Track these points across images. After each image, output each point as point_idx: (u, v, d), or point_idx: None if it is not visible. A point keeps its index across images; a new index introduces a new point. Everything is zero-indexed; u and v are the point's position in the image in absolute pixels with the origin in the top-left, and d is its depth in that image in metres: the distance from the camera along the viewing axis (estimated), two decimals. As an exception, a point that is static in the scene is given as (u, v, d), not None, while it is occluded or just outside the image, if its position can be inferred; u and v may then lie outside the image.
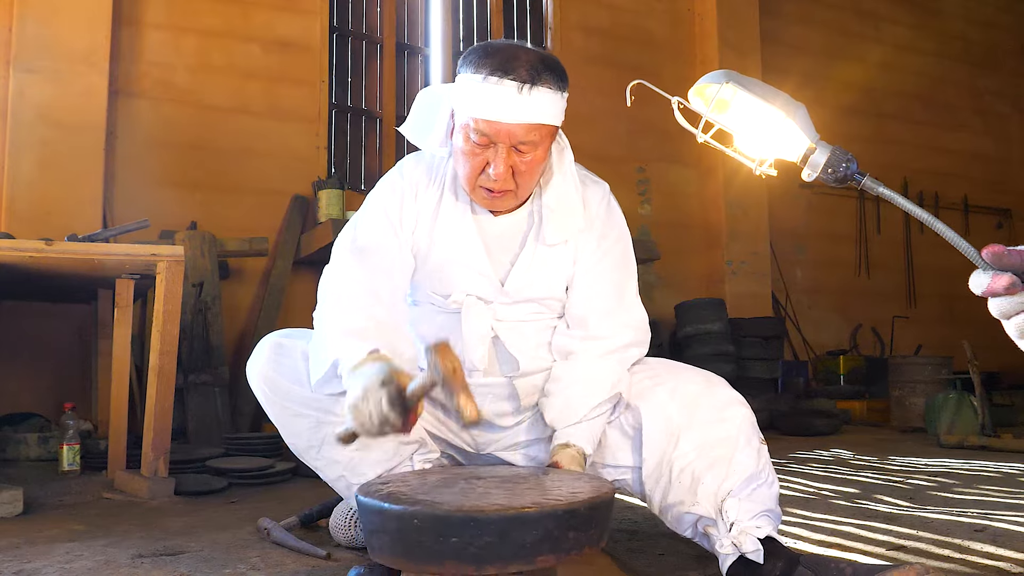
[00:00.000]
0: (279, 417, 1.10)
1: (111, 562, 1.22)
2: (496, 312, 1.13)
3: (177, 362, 1.97)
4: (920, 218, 0.69)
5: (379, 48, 3.70)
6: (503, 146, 1.01)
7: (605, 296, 1.13)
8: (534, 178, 1.07)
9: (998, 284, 0.58)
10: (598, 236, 1.15)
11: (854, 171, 0.71)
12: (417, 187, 1.13)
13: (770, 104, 0.73)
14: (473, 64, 1.02)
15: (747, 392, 1.27)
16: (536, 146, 1.03)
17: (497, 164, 1.02)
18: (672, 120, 0.80)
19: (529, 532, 0.77)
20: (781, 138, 0.74)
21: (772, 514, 1.05)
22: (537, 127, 1.02)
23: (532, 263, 1.12)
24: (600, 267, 1.14)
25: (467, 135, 1.03)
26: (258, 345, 1.13)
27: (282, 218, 3.24)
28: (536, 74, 1.00)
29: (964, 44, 5.40)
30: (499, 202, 1.08)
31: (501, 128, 1.00)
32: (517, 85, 0.99)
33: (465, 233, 1.12)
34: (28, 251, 1.79)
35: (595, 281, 1.14)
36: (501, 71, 0.99)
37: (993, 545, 1.31)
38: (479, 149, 1.03)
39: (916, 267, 5.03)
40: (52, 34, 2.81)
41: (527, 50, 1.03)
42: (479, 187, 1.06)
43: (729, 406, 1.08)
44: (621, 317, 1.14)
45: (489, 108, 1.00)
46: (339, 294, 1.05)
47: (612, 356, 1.12)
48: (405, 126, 1.14)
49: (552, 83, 1.02)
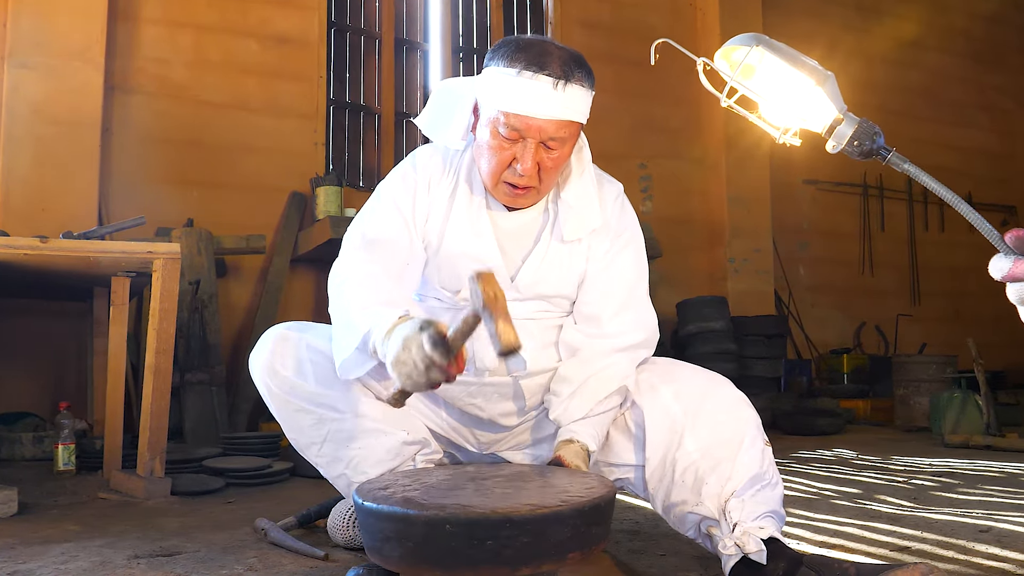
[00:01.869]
0: (281, 412, 1.09)
1: (107, 563, 1.21)
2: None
3: (173, 361, 1.99)
4: (945, 198, 0.68)
5: (378, 43, 3.67)
6: (532, 142, 1.01)
7: (617, 295, 1.13)
8: (557, 176, 1.07)
9: (1019, 269, 0.57)
10: (612, 235, 1.14)
11: (880, 145, 0.69)
12: (430, 179, 1.12)
13: (799, 70, 0.71)
14: (506, 58, 1.01)
15: (749, 391, 1.25)
16: (564, 143, 1.03)
17: (525, 160, 1.01)
18: (674, 116, 0.77)
19: (562, 530, 0.78)
20: (807, 107, 0.72)
21: (776, 515, 1.04)
22: (567, 124, 1.02)
23: (545, 259, 1.11)
24: (614, 267, 1.14)
25: (495, 129, 1.02)
26: (262, 337, 1.12)
27: (280, 215, 3.22)
28: (570, 70, 1.00)
29: (969, 40, 5.37)
30: (521, 199, 1.08)
31: (533, 123, 1.00)
32: (552, 81, 0.99)
33: (479, 228, 1.11)
34: (23, 248, 1.78)
35: (608, 280, 1.13)
36: (536, 66, 0.99)
37: (998, 546, 1.30)
38: (507, 144, 1.02)
39: (920, 265, 5.00)
40: (47, 29, 2.79)
41: (559, 46, 1.03)
42: (503, 182, 1.05)
43: (734, 406, 1.07)
44: (631, 316, 1.13)
45: (523, 103, 0.99)
46: (355, 278, 1.03)
47: (621, 354, 1.11)
48: (421, 118, 1.13)
49: (584, 80, 1.02)
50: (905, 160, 0.69)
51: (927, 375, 3.65)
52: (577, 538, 0.78)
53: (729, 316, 3.64)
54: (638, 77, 3.99)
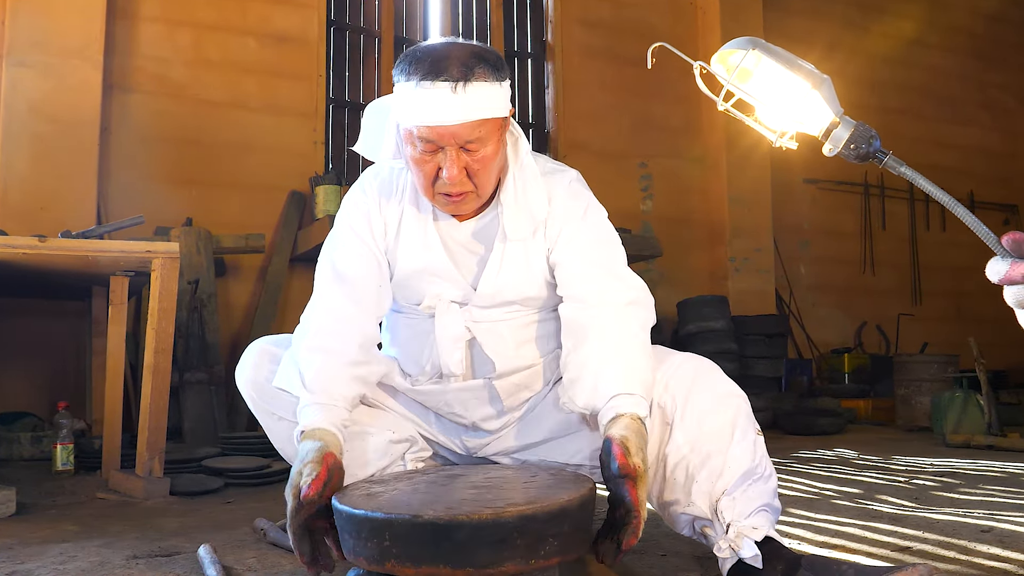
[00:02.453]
0: (265, 420, 1.14)
1: (105, 563, 1.21)
2: (472, 314, 1.11)
3: (172, 360, 1.97)
4: (941, 201, 0.68)
5: (377, 42, 3.67)
6: (451, 148, 0.99)
7: (599, 274, 1.08)
8: (491, 175, 1.05)
9: (1016, 272, 0.58)
10: (572, 222, 1.10)
11: (877, 148, 0.69)
12: (379, 201, 1.12)
13: (795, 74, 0.71)
14: (405, 71, 0.99)
15: (750, 391, 1.25)
16: (485, 142, 1.00)
17: (449, 167, 0.99)
18: (675, 115, 0.77)
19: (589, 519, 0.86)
20: (804, 110, 0.72)
21: (770, 508, 1.02)
22: (480, 123, 0.99)
23: (502, 264, 1.09)
24: (584, 252, 1.10)
25: (413, 143, 1.01)
26: (246, 351, 1.17)
27: (279, 214, 3.22)
28: (468, 69, 0.97)
29: (971, 38, 5.35)
30: (461, 206, 1.06)
31: (443, 131, 0.98)
32: (450, 85, 0.96)
33: (428, 242, 1.10)
34: (21, 248, 1.78)
35: (582, 266, 1.09)
36: (433, 73, 0.96)
37: (1000, 547, 1.29)
38: (428, 156, 1.01)
39: (922, 264, 4.99)
40: (45, 27, 2.78)
41: (458, 45, 1.00)
42: (438, 194, 1.04)
43: (724, 396, 1.04)
44: (617, 286, 1.09)
45: (426, 113, 0.97)
46: (310, 342, 1.06)
47: (627, 308, 1.06)
48: (358, 144, 1.13)
49: (488, 74, 0.99)
50: (902, 163, 0.69)
51: (928, 375, 3.63)
52: (585, 531, 0.80)
53: (730, 315, 3.63)
54: (638, 76, 3.97)
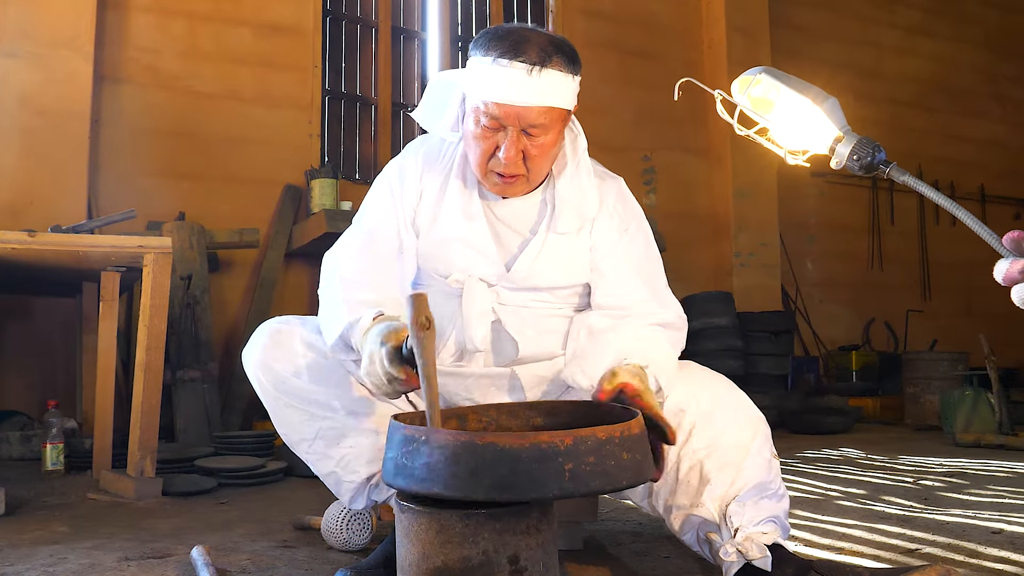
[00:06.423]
0: (273, 407, 1.11)
1: (96, 565, 1.20)
2: (499, 295, 1.12)
3: (165, 358, 1.97)
4: (945, 207, 0.70)
5: (374, 32, 3.61)
6: (513, 129, 1.02)
7: (638, 288, 1.12)
8: (546, 163, 1.07)
9: (1015, 270, 0.58)
10: (618, 228, 1.14)
11: (880, 160, 0.74)
12: (424, 168, 1.15)
13: (804, 96, 0.78)
14: (483, 47, 1.03)
15: (756, 389, 1.23)
16: (547, 130, 1.03)
17: (507, 148, 1.02)
18: (679, 107, 0.76)
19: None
20: (813, 129, 0.79)
21: (779, 522, 1.02)
22: (547, 110, 1.02)
23: (542, 251, 1.11)
24: (630, 256, 1.14)
25: (477, 119, 1.04)
26: (256, 330, 1.14)
27: (273, 209, 3.17)
28: (546, 56, 1.01)
29: (981, 29, 5.27)
30: (510, 188, 1.08)
31: (511, 111, 1.01)
32: (527, 67, 0.99)
33: (471, 212, 1.12)
34: (10, 243, 1.78)
35: (626, 274, 1.13)
36: (511, 53, 1.00)
37: (1010, 549, 1.28)
38: (489, 133, 1.04)
39: (931, 259, 4.93)
40: (35, 18, 2.75)
41: (538, 32, 1.04)
42: (490, 172, 1.07)
43: (748, 417, 1.06)
44: (653, 307, 1.11)
45: (499, 90, 1.01)
46: (345, 270, 1.08)
47: (656, 326, 1.07)
48: (417, 111, 1.16)
49: (563, 65, 1.02)
50: (904, 173, 0.73)
51: (938, 372, 3.61)
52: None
53: (735, 312, 3.58)
54: (641, 66, 3.91)
